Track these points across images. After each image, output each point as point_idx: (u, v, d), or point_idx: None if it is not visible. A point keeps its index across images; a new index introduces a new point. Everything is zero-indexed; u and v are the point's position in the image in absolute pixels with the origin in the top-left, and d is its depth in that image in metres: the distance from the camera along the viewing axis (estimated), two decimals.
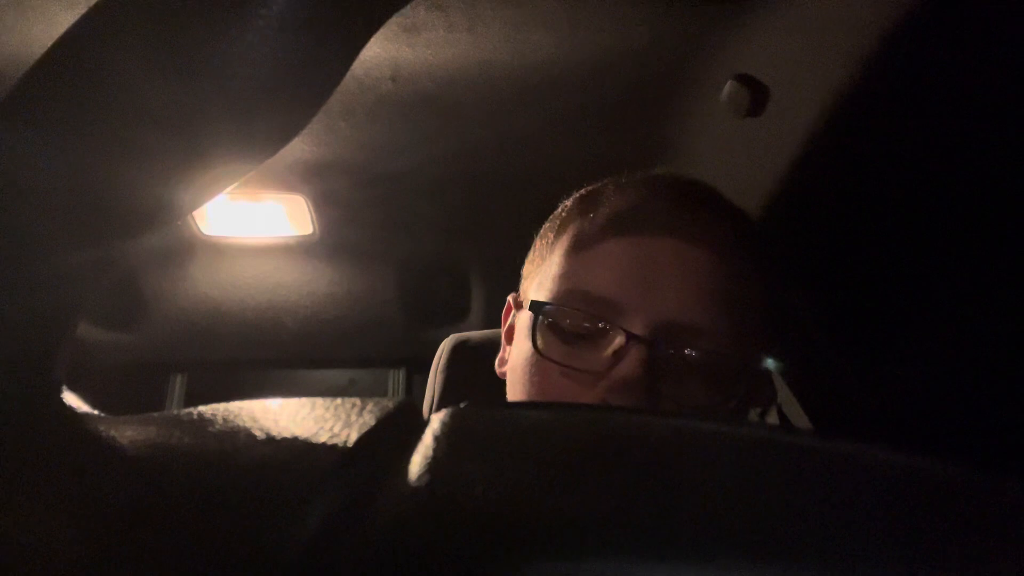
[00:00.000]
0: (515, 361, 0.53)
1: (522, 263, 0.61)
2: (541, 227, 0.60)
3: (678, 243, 0.49)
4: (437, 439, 0.17)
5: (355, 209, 1.19)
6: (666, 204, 0.52)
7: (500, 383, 0.58)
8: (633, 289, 0.48)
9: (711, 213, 0.53)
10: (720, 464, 0.17)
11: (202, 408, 0.19)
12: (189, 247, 1.27)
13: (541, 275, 0.54)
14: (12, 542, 0.15)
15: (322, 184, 1.11)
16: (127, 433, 0.18)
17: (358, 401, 0.19)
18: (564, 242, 0.53)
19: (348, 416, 0.18)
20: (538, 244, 0.59)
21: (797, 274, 0.81)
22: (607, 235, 0.50)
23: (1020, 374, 0.60)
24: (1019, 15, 0.50)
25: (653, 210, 0.51)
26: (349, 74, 0.26)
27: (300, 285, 1.35)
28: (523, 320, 0.54)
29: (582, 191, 0.59)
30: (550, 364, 0.49)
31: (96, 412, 0.21)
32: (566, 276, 0.51)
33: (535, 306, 0.51)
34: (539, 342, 0.50)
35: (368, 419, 0.18)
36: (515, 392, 0.52)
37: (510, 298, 0.61)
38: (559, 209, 0.59)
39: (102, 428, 0.19)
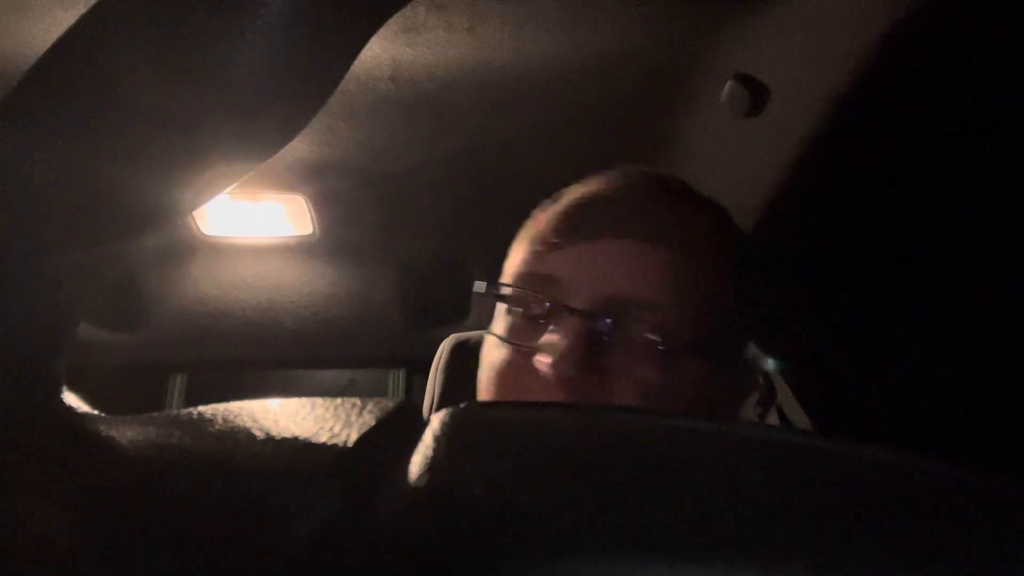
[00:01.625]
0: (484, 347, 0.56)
1: None
2: None
3: (629, 232, 0.50)
4: (437, 439, 0.17)
5: (355, 209, 1.19)
6: (623, 194, 0.53)
7: None
8: (577, 265, 0.49)
9: (667, 204, 0.53)
10: (718, 464, 0.17)
11: (202, 408, 0.19)
12: (189, 247, 1.27)
13: (506, 267, 0.56)
14: (12, 542, 0.15)
15: (322, 184, 1.11)
16: (127, 433, 0.18)
17: (358, 401, 0.19)
18: (524, 233, 0.55)
19: (348, 416, 0.18)
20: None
21: (797, 273, 0.81)
22: (560, 223, 0.52)
23: (1021, 374, 0.60)
24: (1019, 15, 0.50)
25: (609, 199, 0.52)
26: (349, 74, 0.26)
27: (300, 285, 1.35)
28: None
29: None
30: (504, 345, 0.51)
31: (96, 412, 0.21)
32: (518, 262, 0.53)
33: (489, 291, 0.53)
34: (494, 325, 0.53)
35: (368, 419, 0.18)
36: (482, 375, 0.54)
37: None
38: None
39: (102, 428, 0.19)
